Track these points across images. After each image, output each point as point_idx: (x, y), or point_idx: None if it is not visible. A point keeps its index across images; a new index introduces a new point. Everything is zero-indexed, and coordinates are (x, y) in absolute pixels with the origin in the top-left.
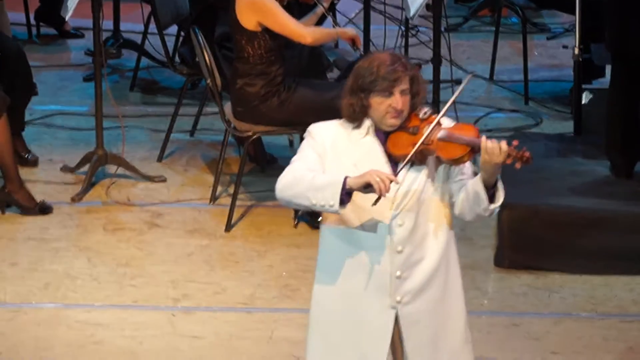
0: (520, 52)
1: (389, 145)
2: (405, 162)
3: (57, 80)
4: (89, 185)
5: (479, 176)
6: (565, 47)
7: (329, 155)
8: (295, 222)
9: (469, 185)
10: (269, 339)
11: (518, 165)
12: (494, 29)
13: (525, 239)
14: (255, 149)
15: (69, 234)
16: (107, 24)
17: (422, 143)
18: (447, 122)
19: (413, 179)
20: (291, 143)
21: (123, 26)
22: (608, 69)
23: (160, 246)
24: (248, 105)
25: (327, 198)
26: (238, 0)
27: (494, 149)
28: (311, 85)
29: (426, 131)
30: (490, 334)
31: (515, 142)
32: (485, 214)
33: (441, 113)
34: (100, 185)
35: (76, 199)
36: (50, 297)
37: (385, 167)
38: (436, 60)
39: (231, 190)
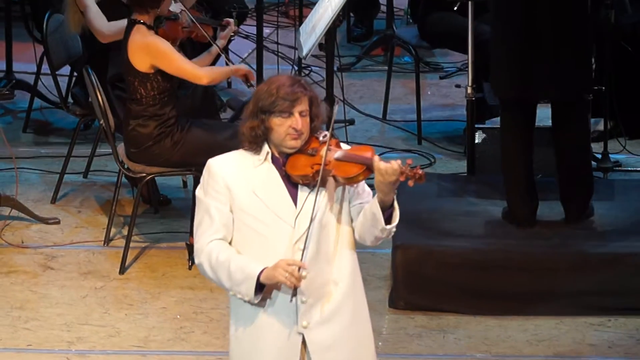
0: (413, 91)
1: (288, 167)
2: (315, 185)
3: None
4: None
5: (375, 197)
6: (458, 86)
7: (232, 190)
8: (190, 264)
9: (367, 207)
10: None
11: (411, 183)
12: (386, 68)
13: (420, 279)
14: (148, 190)
15: None
16: (0, 64)
17: (322, 163)
18: (346, 147)
19: (312, 203)
20: (185, 184)
21: (16, 66)
22: None
23: (54, 289)
24: (141, 146)
25: (242, 292)
26: (130, 42)
27: (387, 168)
28: (204, 125)
29: (324, 151)
30: None
31: (409, 161)
32: (382, 234)
33: (329, 130)
34: None
35: None
36: None
37: (284, 192)
38: (329, 100)
39: (125, 231)
